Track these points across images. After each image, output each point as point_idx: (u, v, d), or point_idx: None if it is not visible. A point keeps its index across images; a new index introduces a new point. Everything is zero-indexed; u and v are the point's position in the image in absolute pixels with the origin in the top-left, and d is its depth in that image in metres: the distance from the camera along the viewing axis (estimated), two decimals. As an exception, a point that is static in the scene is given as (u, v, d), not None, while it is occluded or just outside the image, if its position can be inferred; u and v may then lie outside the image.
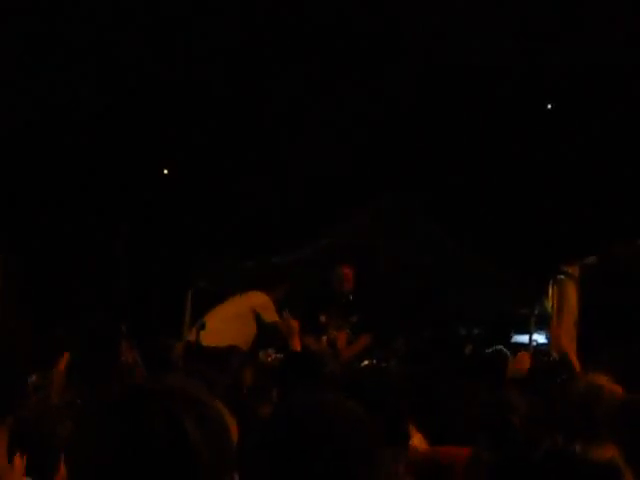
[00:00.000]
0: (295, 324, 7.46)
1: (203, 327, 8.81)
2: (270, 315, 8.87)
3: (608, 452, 1.97)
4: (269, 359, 8.75)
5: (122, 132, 13.59)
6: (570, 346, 10.27)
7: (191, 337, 9.03)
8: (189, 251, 13.47)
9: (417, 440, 4.35)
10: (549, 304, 11.42)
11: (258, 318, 8.94)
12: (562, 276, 11.23)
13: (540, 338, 13.43)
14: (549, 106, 14.13)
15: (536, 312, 11.94)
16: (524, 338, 12.98)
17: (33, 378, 5.88)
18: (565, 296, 11.09)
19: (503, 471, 1.85)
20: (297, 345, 7.63)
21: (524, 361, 6.59)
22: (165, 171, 15.20)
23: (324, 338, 8.94)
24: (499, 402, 4.53)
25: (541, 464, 1.91)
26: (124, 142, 13.72)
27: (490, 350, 9.34)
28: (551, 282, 11.38)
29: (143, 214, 14.38)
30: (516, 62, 12.70)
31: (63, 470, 4.13)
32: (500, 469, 1.82)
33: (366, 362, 8.93)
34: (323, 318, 9.12)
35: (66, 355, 4.90)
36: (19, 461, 3.59)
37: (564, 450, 1.91)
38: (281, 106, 13.55)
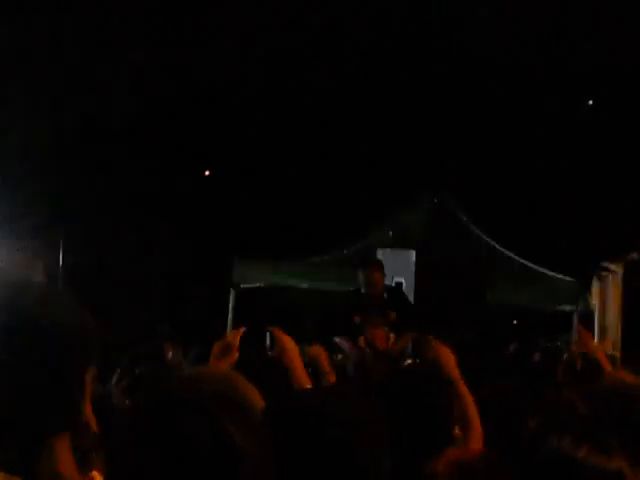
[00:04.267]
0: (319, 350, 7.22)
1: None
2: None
3: (616, 462, 1.86)
4: None
5: (164, 133, 13.67)
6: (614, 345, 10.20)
7: None
8: (230, 252, 13.53)
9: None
10: (592, 301, 11.36)
11: None
12: (606, 273, 11.16)
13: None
14: (590, 102, 14.03)
15: (579, 309, 11.86)
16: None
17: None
18: (609, 293, 11.02)
19: (500, 475, 1.79)
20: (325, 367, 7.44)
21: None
22: (207, 172, 15.26)
23: (361, 338, 8.81)
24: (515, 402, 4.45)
25: (537, 467, 1.84)
26: (165, 143, 13.80)
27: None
28: (595, 279, 11.31)
29: (184, 215, 14.44)
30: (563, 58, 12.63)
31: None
32: (498, 473, 1.77)
33: (409, 361, 8.83)
34: (357, 319, 9.01)
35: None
36: None
37: (564, 454, 1.82)
38: (317, 106, 13.56)
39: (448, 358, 4.57)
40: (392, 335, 8.80)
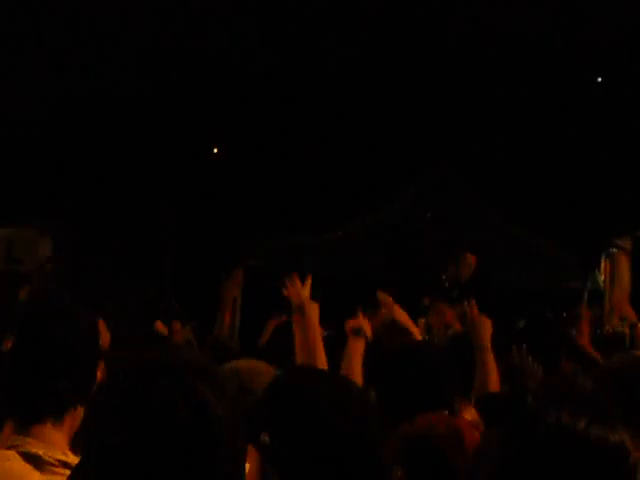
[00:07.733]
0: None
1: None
2: None
3: (618, 434, 1.81)
4: None
5: (172, 110, 13.64)
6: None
7: None
8: (238, 229, 13.51)
9: (469, 414, 4.33)
10: (601, 278, 11.34)
11: None
12: (615, 249, 11.14)
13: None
14: (599, 79, 13.95)
15: (588, 286, 11.83)
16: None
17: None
18: (618, 269, 11.01)
19: (503, 450, 1.76)
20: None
21: None
22: (215, 150, 15.25)
23: (422, 321, 8.32)
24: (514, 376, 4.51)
25: (539, 440, 1.81)
26: (174, 121, 13.78)
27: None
28: (604, 255, 11.30)
29: (192, 193, 14.44)
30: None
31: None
32: (501, 448, 1.74)
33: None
34: (426, 301, 8.59)
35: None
36: None
37: (565, 426, 1.77)
38: (329, 83, 13.51)
39: (485, 326, 4.77)
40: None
